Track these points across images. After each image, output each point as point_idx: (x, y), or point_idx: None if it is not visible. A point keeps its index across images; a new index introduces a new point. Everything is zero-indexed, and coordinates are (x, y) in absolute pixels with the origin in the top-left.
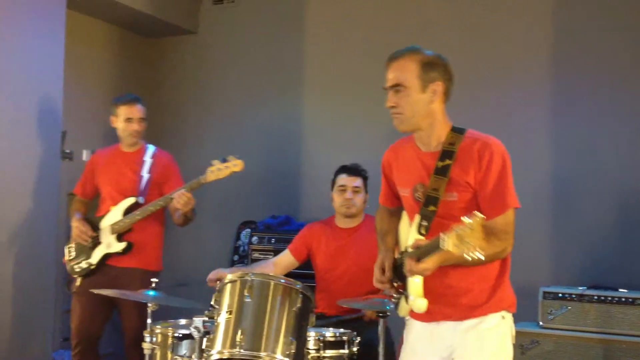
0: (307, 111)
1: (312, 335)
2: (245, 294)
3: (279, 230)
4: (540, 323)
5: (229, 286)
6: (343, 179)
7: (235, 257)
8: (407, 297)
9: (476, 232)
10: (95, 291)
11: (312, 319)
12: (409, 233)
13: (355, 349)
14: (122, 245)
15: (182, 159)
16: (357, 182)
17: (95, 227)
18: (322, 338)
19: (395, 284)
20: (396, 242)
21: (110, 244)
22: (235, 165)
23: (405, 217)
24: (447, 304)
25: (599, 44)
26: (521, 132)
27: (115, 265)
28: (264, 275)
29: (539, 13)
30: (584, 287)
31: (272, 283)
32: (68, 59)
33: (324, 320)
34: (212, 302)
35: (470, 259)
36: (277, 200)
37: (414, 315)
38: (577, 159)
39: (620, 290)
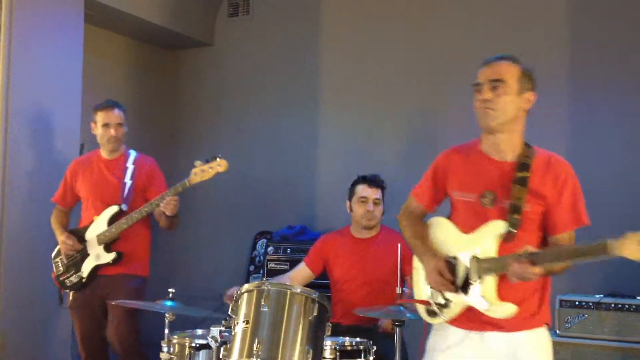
0: (322, 122)
1: (328, 344)
2: (262, 303)
3: (295, 241)
4: (557, 332)
5: (245, 296)
6: (364, 190)
7: (251, 268)
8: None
9: None
10: (117, 302)
11: (328, 328)
12: (464, 239)
13: (371, 358)
14: (111, 256)
15: None
16: (378, 193)
17: (81, 239)
18: (338, 347)
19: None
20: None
21: (99, 256)
22: (219, 165)
23: (444, 223)
24: None
25: (616, 45)
26: (538, 136)
27: (105, 274)
28: (281, 284)
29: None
30: (601, 295)
31: (288, 292)
32: (86, 72)
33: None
34: (229, 312)
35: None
36: (293, 210)
37: (455, 323)
38: (595, 162)
39: (638, 298)
